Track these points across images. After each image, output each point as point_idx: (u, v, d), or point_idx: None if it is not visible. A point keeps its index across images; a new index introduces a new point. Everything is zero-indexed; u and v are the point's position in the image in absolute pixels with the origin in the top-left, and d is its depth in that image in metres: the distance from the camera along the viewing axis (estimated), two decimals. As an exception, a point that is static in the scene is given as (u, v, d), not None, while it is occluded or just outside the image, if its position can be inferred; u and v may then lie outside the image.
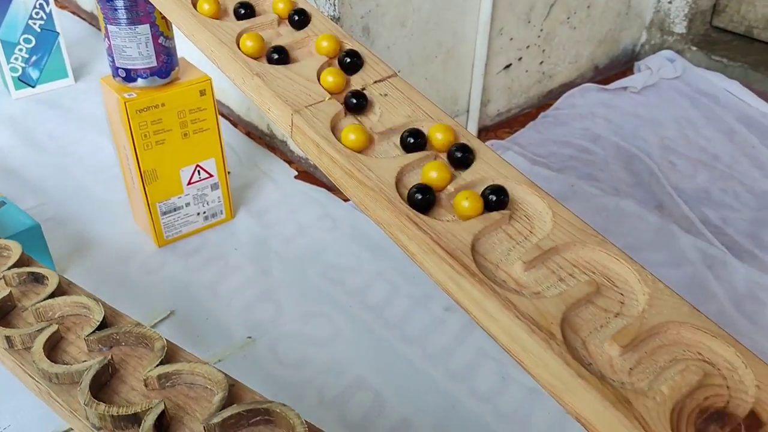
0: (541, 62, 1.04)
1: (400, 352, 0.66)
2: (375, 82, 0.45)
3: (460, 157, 0.39)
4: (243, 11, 0.53)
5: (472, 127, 0.98)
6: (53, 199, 0.85)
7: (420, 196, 0.37)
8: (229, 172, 0.89)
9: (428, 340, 0.67)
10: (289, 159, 0.94)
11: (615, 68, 1.18)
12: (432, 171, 0.39)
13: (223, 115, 1.03)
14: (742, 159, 0.94)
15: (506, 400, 0.62)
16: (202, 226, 0.80)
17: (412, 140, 0.41)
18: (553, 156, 0.95)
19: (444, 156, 0.41)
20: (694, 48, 1.14)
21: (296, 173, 0.91)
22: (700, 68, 1.12)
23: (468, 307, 0.35)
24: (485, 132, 1.02)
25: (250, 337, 0.67)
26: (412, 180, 0.40)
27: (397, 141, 0.42)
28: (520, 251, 0.37)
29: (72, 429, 0.58)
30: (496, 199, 0.37)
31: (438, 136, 0.41)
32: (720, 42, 1.14)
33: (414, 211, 0.37)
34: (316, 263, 0.76)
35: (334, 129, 0.42)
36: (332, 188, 0.88)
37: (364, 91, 0.44)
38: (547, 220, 0.38)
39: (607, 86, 1.11)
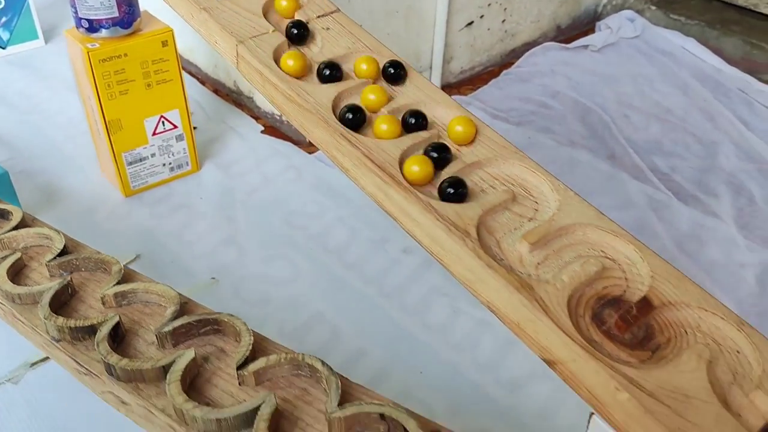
0: (504, 20, 1.06)
1: (357, 291, 0.69)
2: (318, 16, 0.48)
3: (393, 74, 0.42)
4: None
5: (435, 83, 1.01)
6: (23, 153, 0.87)
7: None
8: (195, 128, 0.91)
9: (385, 280, 0.71)
10: (256, 115, 0.96)
11: (577, 28, 1.21)
12: (370, 94, 0.42)
13: (190, 74, 1.04)
14: (695, 112, 0.98)
15: (456, 330, 0.65)
16: (168, 177, 0.82)
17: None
18: (513, 111, 0.98)
19: (383, 82, 0.44)
20: (654, 8, 1.17)
21: (262, 128, 0.93)
22: (658, 27, 1.15)
23: (395, 214, 0.38)
24: (448, 88, 1.04)
25: (214, 278, 0.70)
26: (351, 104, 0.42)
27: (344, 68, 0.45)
28: (447, 168, 0.39)
29: (47, 358, 0.61)
30: (414, 122, 0.40)
31: (380, 65, 0.44)
32: (679, 1, 1.17)
33: (347, 129, 0.40)
34: (280, 211, 0.79)
35: (278, 60, 0.44)
36: (297, 142, 0.91)
37: (308, 24, 0.46)
38: (480, 144, 0.41)
39: (568, 45, 1.13)
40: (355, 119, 0.39)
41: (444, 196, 0.37)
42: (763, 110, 0.98)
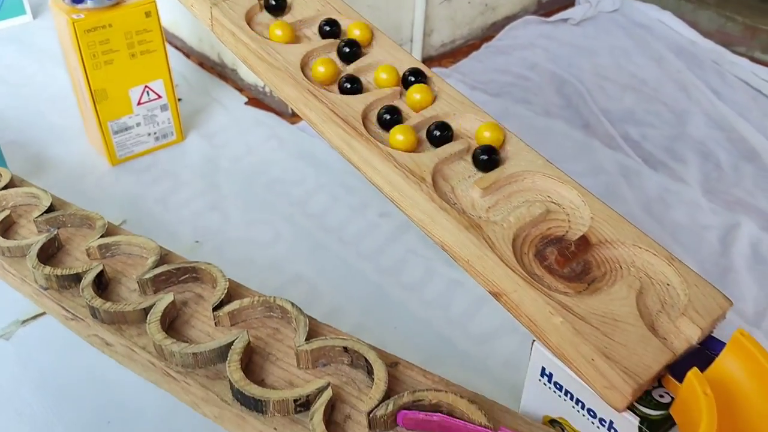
0: (484, -5, 1.08)
1: (336, 253, 0.72)
2: (289, -18, 0.50)
3: (355, 41, 0.44)
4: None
5: (416, 56, 1.03)
6: (12, 125, 0.89)
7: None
8: (180, 99, 0.93)
9: (362, 242, 0.73)
10: (240, 87, 0.98)
11: (557, 2, 1.23)
12: (320, 66, 0.44)
13: (175, 47, 1.06)
14: (668, 83, 1.00)
15: (430, 289, 0.68)
16: (153, 146, 0.84)
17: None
18: (492, 83, 1.01)
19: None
20: (632, -18, 1.19)
21: (246, 99, 0.96)
22: (636, 1, 1.17)
23: (358, 164, 0.41)
24: (429, 61, 1.06)
25: (197, 242, 0.73)
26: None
27: (309, 32, 0.47)
28: (408, 121, 0.42)
29: (37, 316, 0.64)
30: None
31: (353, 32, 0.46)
32: (657, -24, 1.20)
33: (314, 85, 0.42)
34: (262, 178, 0.82)
35: (250, 21, 0.47)
36: (280, 113, 0.93)
37: (279, -10, 0.49)
38: (438, 99, 0.44)
39: (548, 19, 1.16)
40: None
41: (431, 139, 0.40)
42: (735, 81, 1.01)
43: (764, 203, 0.79)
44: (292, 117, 0.93)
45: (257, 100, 0.96)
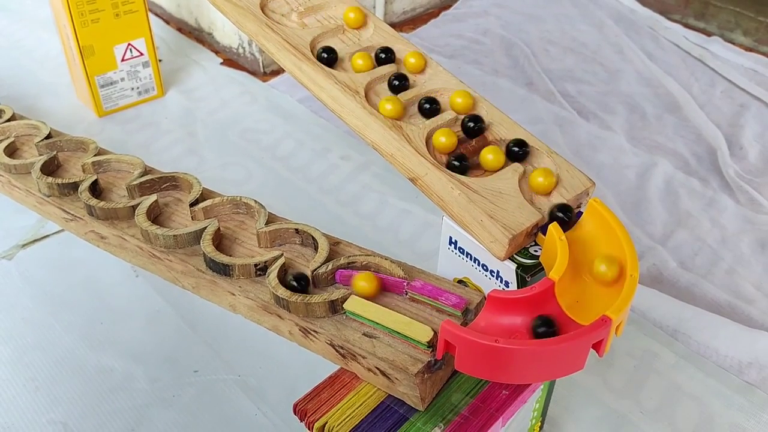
0: (441, -34, 1.17)
1: (301, 189, 0.81)
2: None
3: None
4: None
5: (378, 22, 1.12)
6: (5, 82, 0.97)
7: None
8: (160, 60, 1.01)
9: (325, 180, 0.83)
10: (216, 49, 1.07)
11: (511, -25, 1.32)
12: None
13: (156, 14, 1.14)
14: (606, 46, 1.10)
15: (382, 218, 0.78)
16: (136, 100, 0.93)
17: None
18: (447, 46, 1.10)
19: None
20: (580, -44, 1.29)
21: (221, 60, 1.04)
22: (583, -26, 1.27)
23: (307, 84, 0.50)
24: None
25: (177, 180, 0.82)
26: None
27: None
28: (348, 50, 0.51)
29: (36, 240, 0.72)
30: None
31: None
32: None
33: (271, 20, 0.52)
34: (236, 127, 0.91)
35: (219, -27, 0.55)
36: (253, 72, 1.02)
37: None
38: (371, 30, 0.53)
39: (501, -11, 1.25)
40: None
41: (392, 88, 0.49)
42: (668, 44, 1.12)
43: (682, 148, 0.90)
44: (264, 76, 1.01)
45: (231, 60, 1.05)
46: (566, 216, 0.42)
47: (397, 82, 0.49)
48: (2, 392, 0.59)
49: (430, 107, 0.47)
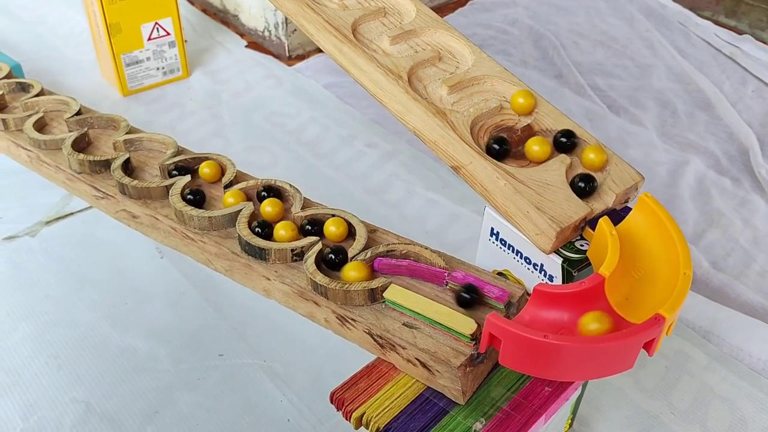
0: (470, -46, 1.16)
1: (327, 175, 0.80)
2: None
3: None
4: None
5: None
6: (30, 58, 0.96)
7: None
8: (186, 41, 1.00)
9: (351, 167, 0.82)
10: (241, 32, 1.06)
11: (540, -34, 1.30)
12: None
13: (181, -6, 1.13)
14: (636, 40, 1.08)
15: (409, 207, 0.77)
16: (161, 80, 0.92)
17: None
18: (475, 36, 1.08)
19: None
20: (611, -52, 1.27)
21: (246, 43, 1.03)
22: (613, -34, 1.25)
23: (347, 66, 0.49)
24: (417, 15, 1.14)
25: (202, 162, 0.81)
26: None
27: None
28: (390, 33, 0.50)
29: (60, 218, 0.72)
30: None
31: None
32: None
33: (312, 0, 0.50)
34: (261, 111, 0.90)
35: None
36: (278, 56, 1.01)
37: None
38: (412, 13, 0.52)
39: (530, -20, 1.23)
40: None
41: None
42: (698, 41, 1.10)
43: (713, 146, 0.88)
44: (290, 60, 1.00)
45: (256, 43, 1.04)
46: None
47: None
48: (25, 369, 0.58)
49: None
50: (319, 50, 1.02)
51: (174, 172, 0.52)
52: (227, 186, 0.50)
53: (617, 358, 0.35)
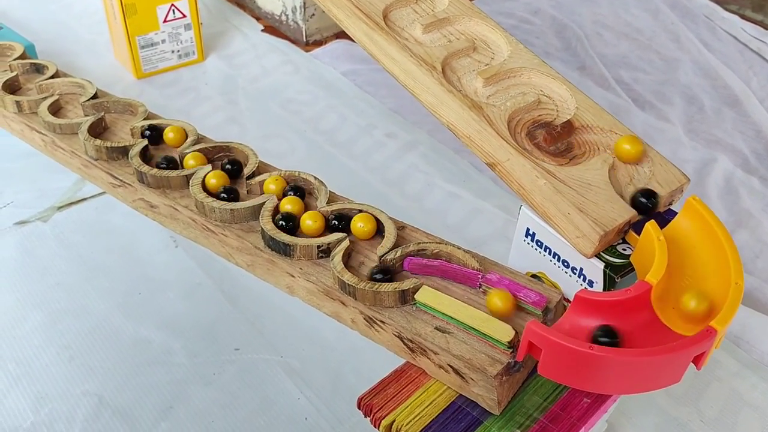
0: (493, -59, 1.13)
1: (345, 165, 0.78)
2: None
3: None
4: None
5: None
6: (43, 38, 0.94)
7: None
8: (201, 23, 0.98)
9: (370, 158, 0.80)
10: (257, 15, 1.03)
11: (563, -46, 1.27)
12: None
13: (196, -25, 1.11)
14: (662, 33, 1.06)
15: (430, 200, 0.75)
16: (176, 64, 0.90)
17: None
18: (496, 25, 1.06)
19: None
20: (636, -63, 1.23)
21: (263, 27, 1.01)
22: (638, -44, 1.22)
23: (377, 55, 0.47)
24: (437, 2, 1.11)
25: (217, 149, 0.79)
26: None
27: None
28: (422, 20, 0.48)
29: (72, 204, 0.70)
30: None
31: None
32: (660, -67, 1.24)
33: (341, -13, 0.48)
34: (278, 98, 0.87)
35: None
36: (295, 41, 0.99)
37: None
38: (447, 1, 0.49)
39: (553, -32, 1.20)
40: None
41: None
42: (724, 35, 1.07)
43: (741, 144, 0.86)
44: (307, 46, 0.98)
45: (273, 27, 1.01)
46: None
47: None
48: (36, 359, 0.57)
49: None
50: (337, 36, 1.00)
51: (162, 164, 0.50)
52: (249, 177, 0.49)
53: (665, 372, 0.34)
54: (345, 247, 0.42)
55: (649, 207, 0.38)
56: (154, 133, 0.53)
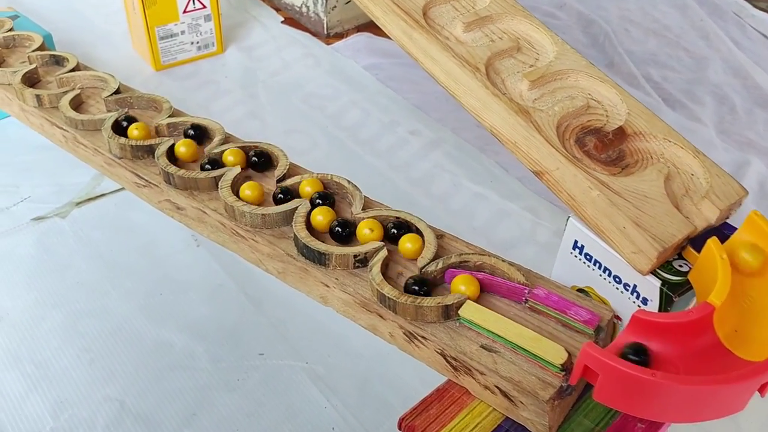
0: (518, -68, 1.10)
1: (368, 163, 0.76)
2: None
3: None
4: None
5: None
6: (60, 28, 0.92)
7: None
8: (220, 14, 0.96)
9: (394, 156, 0.78)
10: (277, 6, 1.01)
11: (588, -53, 1.24)
12: None
13: (215, -36, 1.08)
14: (690, 30, 1.03)
15: (455, 201, 0.73)
16: (195, 56, 0.88)
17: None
18: (521, 19, 1.03)
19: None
20: (664, -70, 1.20)
21: (282, 19, 0.99)
22: (666, -50, 1.19)
23: (417, 55, 0.45)
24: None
25: (238, 144, 0.77)
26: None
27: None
28: (463, 18, 0.46)
29: (90, 199, 0.68)
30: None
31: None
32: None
33: (381, -17, 0.46)
34: (299, 92, 0.85)
35: None
36: (315, 33, 0.96)
37: None
38: (488, -1, 0.47)
39: (578, -39, 1.17)
40: None
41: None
42: (754, 33, 1.04)
43: (774, 146, 0.83)
44: (328, 38, 0.96)
45: (293, 19, 0.99)
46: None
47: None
48: (55, 362, 0.55)
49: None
50: (358, 29, 0.97)
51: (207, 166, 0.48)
52: (280, 180, 0.47)
53: (729, 400, 0.32)
54: (383, 257, 0.40)
55: (639, 363, 0.32)
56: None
